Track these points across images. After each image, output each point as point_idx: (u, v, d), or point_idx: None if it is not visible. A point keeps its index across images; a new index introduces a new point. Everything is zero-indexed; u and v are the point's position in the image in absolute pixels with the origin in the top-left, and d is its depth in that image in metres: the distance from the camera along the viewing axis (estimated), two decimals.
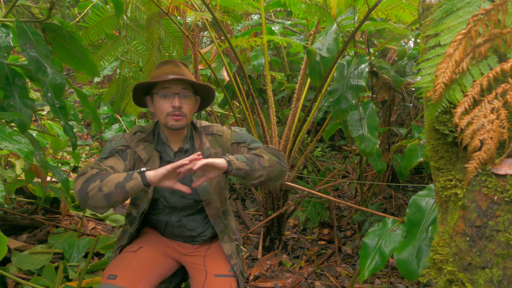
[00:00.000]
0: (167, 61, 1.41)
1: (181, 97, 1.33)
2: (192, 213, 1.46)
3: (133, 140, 1.40)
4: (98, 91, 5.01)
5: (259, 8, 2.31)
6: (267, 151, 1.37)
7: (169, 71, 1.35)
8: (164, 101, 1.33)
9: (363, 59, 1.98)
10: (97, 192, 1.18)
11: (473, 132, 0.64)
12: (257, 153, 1.34)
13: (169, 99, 1.32)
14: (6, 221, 2.37)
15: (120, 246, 1.44)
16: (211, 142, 1.44)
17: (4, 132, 1.18)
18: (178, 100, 1.31)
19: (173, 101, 1.31)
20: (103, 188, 1.18)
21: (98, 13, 2.14)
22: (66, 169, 3.42)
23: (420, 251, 1.23)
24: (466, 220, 0.66)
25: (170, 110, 1.32)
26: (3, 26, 1.40)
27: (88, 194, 1.19)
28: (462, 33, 0.66)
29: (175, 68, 1.36)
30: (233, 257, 1.44)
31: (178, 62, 1.40)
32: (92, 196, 1.19)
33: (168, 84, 1.32)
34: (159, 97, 1.33)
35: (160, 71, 1.36)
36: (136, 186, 1.17)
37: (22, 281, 1.66)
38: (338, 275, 2.38)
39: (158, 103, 1.34)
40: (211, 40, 3.88)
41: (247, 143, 1.44)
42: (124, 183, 1.17)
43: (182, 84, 1.34)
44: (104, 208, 1.23)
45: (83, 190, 1.20)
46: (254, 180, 1.30)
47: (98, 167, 1.27)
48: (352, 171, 3.44)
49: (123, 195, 1.18)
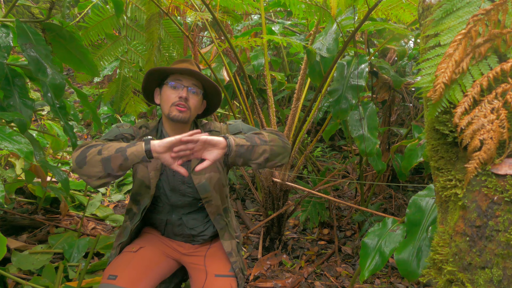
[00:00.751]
0: (185, 60, 1.46)
1: (190, 91, 1.35)
2: (192, 211, 1.47)
3: (138, 133, 1.42)
4: (98, 91, 5.01)
5: (259, 8, 2.31)
6: (265, 131, 1.36)
7: (185, 65, 1.40)
8: (172, 92, 1.35)
9: (363, 59, 1.98)
10: (96, 156, 1.15)
11: (473, 132, 0.64)
12: (255, 131, 1.34)
13: (177, 90, 1.35)
14: (6, 221, 2.37)
15: (121, 243, 1.44)
16: None
17: (4, 132, 1.18)
18: (186, 92, 1.34)
19: (181, 92, 1.33)
20: (103, 152, 1.15)
21: (98, 13, 2.14)
22: (66, 169, 3.42)
23: (420, 251, 1.23)
24: (466, 220, 0.66)
25: (176, 100, 1.33)
26: (3, 26, 1.40)
27: (86, 158, 1.16)
28: (462, 33, 0.66)
29: (191, 66, 1.41)
30: (233, 254, 1.44)
31: (193, 62, 1.46)
32: (89, 160, 1.15)
33: (180, 77, 1.36)
34: (168, 87, 1.36)
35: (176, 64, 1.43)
36: (138, 152, 1.13)
37: (22, 281, 1.66)
38: (338, 275, 2.38)
39: (166, 92, 1.36)
40: (211, 40, 3.88)
41: (243, 132, 1.42)
42: (125, 148, 1.14)
43: (193, 80, 1.37)
44: (98, 177, 1.16)
45: (82, 154, 1.17)
46: (259, 157, 1.23)
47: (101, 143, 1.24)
48: (352, 171, 3.44)
49: (122, 160, 1.14)
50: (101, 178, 1.17)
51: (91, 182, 1.19)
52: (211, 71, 2.49)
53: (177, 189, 1.41)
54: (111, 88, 2.50)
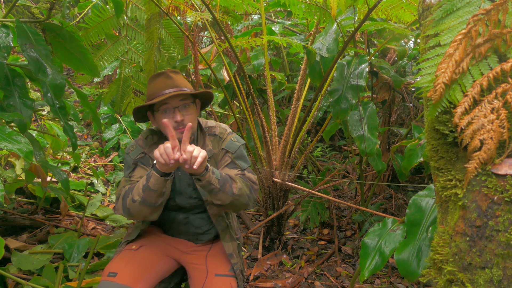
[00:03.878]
0: (158, 74, 1.39)
1: (181, 109, 1.33)
2: (199, 211, 1.48)
3: (147, 144, 1.43)
4: (98, 91, 5.00)
5: (259, 8, 2.31)
6: (242, 180, 1.36)
7: (162, 85, 1.34)
8: (166, 117, 1.33)
9: (363, 59, 1.98)
10: (134, 204, 1.26)
11: (473, 132, 0.64)
12: (232, 177, 1.33)
13: (170, 114, 1.33)
14: (6, 221, 2.37)
15: (126, 241, 1.47)
16: (213, 143, 1.46)
17: (4, 132, 1.18)
18: (179, 114, 1.31)
19: (175, 116, 1.31)
20: (135, 198, 1.26)
21: (98, 14, 2.13)
22: (66, 169, 3.42)
23: (420, 251, 1.23)
24: (466, 220, 0.66)
25: (174, 125, 1.32)
26: (3, 26, 1.40)
27: (130, 210, 1.28)
28: (462, 33, 0.66)
29: (168, 80, 1.35)
30: (234, 256, 1.44)
31: (168, 73, 1.39)
32: (133, 209, 1.28)
33: (165, 101, 1.32)
34: (160, 113, 1.34)
35: (154, 86, 1.36)
36: (158, 180, 1.22)
37: (22, 281, 1.66)
38: (338, 275, 2.38)
39: (160, 118, 1.34)
40: (211, 40, 3.88)
41: (234, 155, 1.43)
42: (147, 184, 1.23)
43: (179, 97, 1.33)
44: (153, 213, 1.30)
45: (124, 208, 1.30)
46: (216, 200, 1.30)
47: (129, 184, 1.34)
48: (352, 171, 3.44)
49: (154, 193, 1.24)
50: (155, 211, 1.31)
51: (152, 218, 1.34)
52: (211, 71, 2.49)
53: (183, 192, 1.43)
54: (112, 88, 2.49)
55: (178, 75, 1.40)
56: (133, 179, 1.36)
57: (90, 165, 3.69)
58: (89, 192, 3.15)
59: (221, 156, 1.45)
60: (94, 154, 4.10)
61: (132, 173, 1.39)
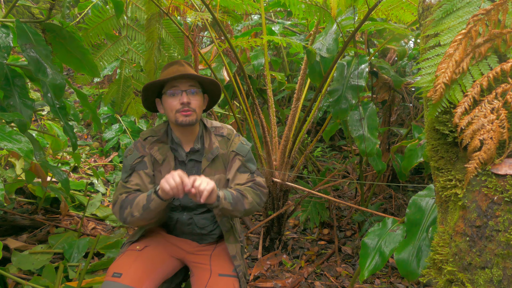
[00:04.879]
0: (172, 62, 1.45)
1: (189, 93, 1.36)
2: (203, 211, 1.48)
3: (146, 145, 1.43)
4: (98, 91, 5.00)
5: (259, 8, 2.31)
6: (252, 191, 1.40)
7: (175, 70, 1.39)
8: (173, 99, 1.36)
9: (363, 59, 1.98)
10: (132, 218, 1.31)
11: (473, 132, 0.64)
12: (243, 192, 1.38)
13: (177, 97, 1.36)
14: (6, 221, 2.37)
15: (130, 241, 1.47)
16: (220, 143, 1.47)
17: (4, 131, 1.18)
18: (186, 96, 1.35)
19: (181, 98, 1.34)
20: (134, 214, 1.30)
21: (98, 14, 2.13)
22: (66, 169, 3.42)
23: (420, 251, 1.23)
24: (466, 220, 0.66)
25: (179, 107, 1.35)
26: (3, 26, 1.40)
27: (127, 219, 1.33)
28: (462, 33, 0.66)
29: (181, 67, 1.40)
30: (237, 258, 1.44)
31: (182, 62, 1.45)
32: (131, 221, 1.33)
33: (175, 83, 1.36)
34: (168, 96, 1.37)
35: (166, 72, 1.41)
36: (159, 204, 1.26)
37: (22, 281, 1.65)
38: (338, 275, 2.38)
39: (167, 101, 1.37)
40: (211, 40, 3.88)
41: (244, 158, 1.46)
42: (148, 205, 1.27)
43: (189, 81, 1.37)
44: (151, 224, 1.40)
45: (121, 217, 1.34)
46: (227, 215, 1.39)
47: (126, 191, 1.37)
48: (352, 171, 3.43)
49: (154, 213, 1.29)
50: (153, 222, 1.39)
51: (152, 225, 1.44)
52: (211, 71, 2.49)
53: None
54: (112, 89, 2.49)
55: (191, 66, 1.46)
56: (129, 185, 1.38)
57: (90, 165, 3.69)
58: (89, 192, 3.15)
59: (231, 158, 1.47)
60: (94, 154, 4.10)
61: (128, 178, 1.40)
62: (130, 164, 1.41)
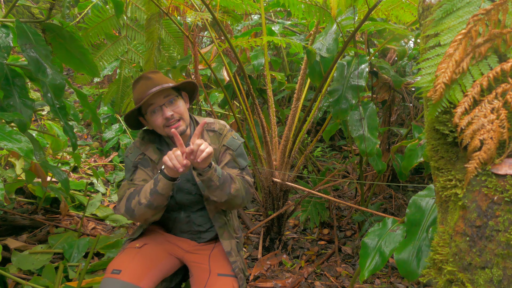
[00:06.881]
0: (137, 79, 1.42)
1: (167, 105, 1.35)
2: (200, 208, 1.49)
3: (144, 144, 1.45)
4: (98, 91, 5.00)
5: (259, 8, 2.31)
6: (241, 182, 1.39)
7: (144, 88, 1.36)
8: (156, 117, 1.36)
9: (363, 59, 1.98)
10: (139, 206, 1.30)
11: (473, 132, 0.64)
12: (233, 177, 1.37)
13: (159, 113, 1.35)
14: (6, 221, 2.37)
15: (130, 239, 1.49)
16: (212, 138, 1.47)
17: (4, 131, 1.17)
18: (166, 110, 1.34)
19: (164, 113, 1.34)
20: (141, 201, 1.30)
21: (98, 14, 2.13)
22: (66, 169, 3.42)
23: (420, 251, 1.23)
24: (466, 220, 0.66)
25: (165, 121, 1.35)
26: (3, 26, 1.40)
27: (134, 211, 1.32)
28: (462, 33, 0.66)
29: (148, 81, 1.37)
30: (232, 254, 1.44)
31: (147, 74, 1.41)
32: (137, 211, 1.31)
33: (150, 100, 1.34)
34: (150, 115, 1.37)
35: (137, 92, 1.39)
36: (166, 184, 1.27)
37: (22, 281, 1.65)
38: (338, 275, 2.38)
39: (151, 120, 1.38)
40: (211, 40, 3.88)
41: (235, 153, 1.46)
42: (155, 188, 1.28)
43: (162, 93, 1.35)
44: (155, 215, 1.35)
45: (128, 209, 1.33)
46: (212, 195, 1.33)
47: (133, 186, 1.37)
48: (352, 171, 3.44)
49: (162, 197, 1.28)
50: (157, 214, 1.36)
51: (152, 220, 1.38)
52: (211, 71, 2.49)
53: (182, 188, 1.44)
54: (112, 89, 2.49)
55: (158, 74, 1.42)
56: (136, 182, 1.39)
57: (90, 165, 3.69)
58: (89, 192, 3.15)
59: (222, 152, 1.47)
60: (94, 154, 4.10)
61: (133, 176, 1.41)
62: (132, 161, 1.42)
